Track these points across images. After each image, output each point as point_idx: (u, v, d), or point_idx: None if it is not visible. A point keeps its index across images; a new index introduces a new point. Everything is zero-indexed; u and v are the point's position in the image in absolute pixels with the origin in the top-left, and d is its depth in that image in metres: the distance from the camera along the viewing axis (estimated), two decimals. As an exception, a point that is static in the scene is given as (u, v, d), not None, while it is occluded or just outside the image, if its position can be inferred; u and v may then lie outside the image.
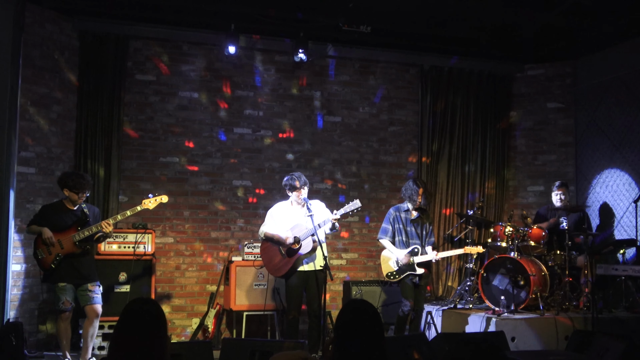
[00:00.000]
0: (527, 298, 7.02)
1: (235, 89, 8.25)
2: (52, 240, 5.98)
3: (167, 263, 7.92)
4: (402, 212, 7.01)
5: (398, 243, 6.96)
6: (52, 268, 6.03)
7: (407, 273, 6.83)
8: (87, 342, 6.19)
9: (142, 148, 7.91)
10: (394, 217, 7.00)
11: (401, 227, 6.97)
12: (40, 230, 6.03)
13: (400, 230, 6.97)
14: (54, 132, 7.39)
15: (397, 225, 6.98)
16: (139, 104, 7.92)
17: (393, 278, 6.90)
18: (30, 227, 6.17)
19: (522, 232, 7.50)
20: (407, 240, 6.94)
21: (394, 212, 7.03)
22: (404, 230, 6.97)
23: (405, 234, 6.96)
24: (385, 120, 8.82)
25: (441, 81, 8.90)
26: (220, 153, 8.17)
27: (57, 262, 6.03)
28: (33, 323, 7.09)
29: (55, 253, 6.02)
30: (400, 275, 6.86)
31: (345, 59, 8.65)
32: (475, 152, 8.99)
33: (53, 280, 6.09)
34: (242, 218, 8.18)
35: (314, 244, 6.43)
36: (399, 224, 6.98)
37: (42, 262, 6.06)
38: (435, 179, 8.83)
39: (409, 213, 7.01)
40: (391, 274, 6.90)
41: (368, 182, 8.67)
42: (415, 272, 6.82)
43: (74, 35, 7.57)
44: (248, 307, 7.41)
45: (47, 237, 5.97)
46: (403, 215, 7.00)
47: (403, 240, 6.95)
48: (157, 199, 6.35)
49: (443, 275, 8.74)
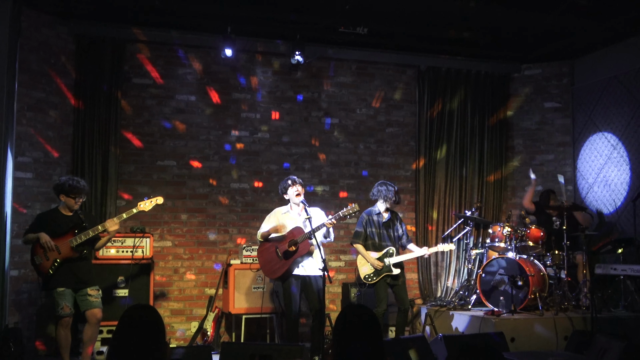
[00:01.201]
0: (526, 298, 7.02)
1: (232, 91, 8.25)
2: (50, 244, 5.95)
3: (166, 267, 7.91)
4: (374, 215, 6.99)
5: (371, 246, 6.94)
6: (50, 273, 5.99)
7: (384, 274, 6.82)
8: (87, 346, 6.17)
9: (139, 152, 7.91)
10: (367, 221, 6.98)
11: (374, 230, 6.96)
12: (36, 237, 6.00)
13: (373, 233, 6.96)
14: (51, 136, 7.38)
15: (369, 228, 6.96)
16: (136, 107, 7.92)
17: (371, 280, 6.87)
18: (26, 236, 6.13)
19: (520, 233, 7.53)
20: (379, 243, 6.92)
21: (366, 216, 7.00)
22: (377, 233, 6.96)
23: (379, 236, 6.95)
24: (382, 122, 8.83)
25: (438, 82, 8.91)
26: (217, 156, 8.17)
27: (55, 267, 5.98)
28: (32, 328, 7.06)
29: (53, 258, 5.99)
30: (378, 277, 6.84)
31: (342, 61, 8.66)
32: (473, 153, 8.98)
33: (52, 286, 6.03)
34: (240, 221, 8.18)
35: (311, 247, 6.44)
36: (372, 227, 6.97)
37: (40, 268, 6.02)
38: (433, 180, 8.84)
39: (381, 216, 7.00)
40: (368, 277, 6.88)
41: (366, 184, 8.62)
42: (391, 273, 6.81)
43: (70, 39, 7.57)
44: (247, 310, 7.39)
45: (44, 240, 5.94)
46: (375, 218, 6.99)
47: (376, 243, 6.93)
48: (152, 200, 6.34)
49: (442, 276, 8.74)
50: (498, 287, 7.20)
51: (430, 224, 8.75)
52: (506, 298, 7.03)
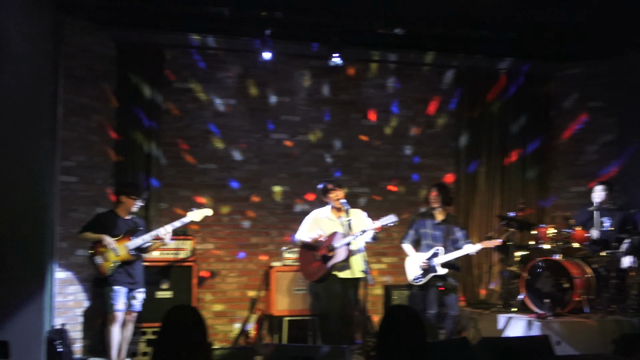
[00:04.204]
0: (571, 301, 6.88)
1: (271, 94, 8.27)
2: (113, 245, 6.30)
3: (208, 269, 7.96)
4: (426, 217, 6.99)
5: (424, 247, 6.91)
6: (108, 274, 6.33)
7: (431, 275, 6.75)
8: (123, 346, 6.47)
9: (181, 155, 7.97)
10: (418, 222, 6.99)
11: (426, 231, 6.93)
12: (99, 238, 6.34)
13: (426, 234, 6.93)
14: (95, 141, 7.47)
15: (421, 230, 6.95)
16: (177, 111, 7.99)
17: (418, 282, 6.83)
18: (84, 233, 6.46)
19: (565, 234, 7.39)
20: (431, 244, 6.88)
21: (418, 217, 7.04)
22: (430, 234, 6.92)
23: (430, 238, 6.91)
24: (422, 123, 8.75)
25: (478, 82, 8.80)
26: (257, 159, 8.20)
27: (113, 268, 6.34)
28: (78, 330, 7.18)
29: (112, 259, 6.33)
30: (425, 278, 6.78)
31: (380, 62, 8.60)
32: (515, 153, 8.85)
33: (108, 284, 6.36)
34: (280, 223, 8.19)
35: (348, 253, 6.44)
36: (425, 229, 6.95)
37: (99, 268, 6.35)
38: (474, 182, 8.74)
39: (434, 217, 6.98)
40: (416, 278, 6.84)
41: (406, 186, 8.60)
42: (437, 273, 6.73)
43: (111, 45, 7.64)
44: (289, 312, 7.39)
45: (108, 242, 6.30)
46: (428, 220, 6.97)
47: (428, 244, 6.90)
48: (202, 211, 6.68)
49: (485, 278, 8.62)
50: (543, 290, 7.06)
51: (472, 225, 8.62)
52: (551, 300, 6.90)
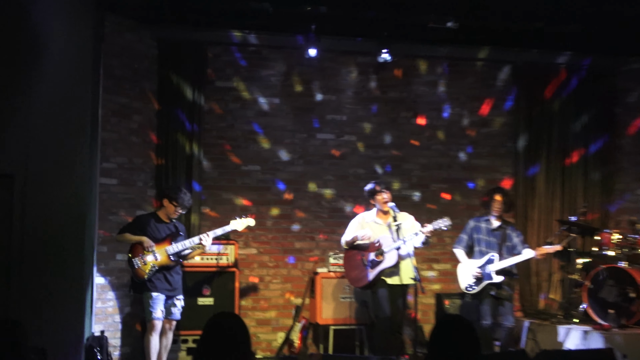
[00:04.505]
0: (638, 312, 6.57)
1: (316, 93, 8.10)
2: (153, 247, 6.18)
3: (251, 275, 7.84)
4: (482, 222, 6.80)
5: (477, 254, 6.71)
6: (145, 278, 6.18)
7: (486, 283, 6.53)
8: (162, 354, 6.34)
9: (223, 156, 7.88)
10: (473, 227, 6.81)
11: (481, 237, 6.74)
12: (138, 239, 6.22)
13: (480, 240, 6.74)
14: (135, 142, 7.42)
15: (476, 235, 6.77)
16: (220, 111, 7.89)
17: (472, 290, 6.62)
18: (123, 234, 6.35)
19: (631, 240, 7.06)
20: (485, 251, 6.68)
21: (473, 223, 6.86)
22: (485, 240, 6.72)
23: (485, 244, 6.71)
24: (476, 122, 8.43)
25: (536, 78, 8.42)
26: (302, 160, 8.04)
27: (151, 273, 6.18)
28: (117, 337, 7.10)
29: (150, 264, 6.19)
30: (479, 286, 6.56)
31: (431, 58, 8.34)
32: (577, 153, 8.44)
33: (146, 289, 6.22)
34: (326, 227, 8.00)
35: (398, 258, 6.27)
36: (479, 234, 6.76)
37: (136, 272, 6.20)
38: (532, 184, 8.36)
39: (490, 223, 6.76)
40: (469, 287, 6.64)
41: (460, 188, 8.30)
42: (493, 280, 6.50)
43: (152, 44, 7.60)
44: (335, 320, 7.24)
45: (148, 245, 6.17)
46: (483, 225, 6.77)
47: (482, 250, 6.69)
48: (245, 221, 6.58)
49: (544, 287, 8.23)
50: (607, 300, 6.77)
51: (531, 230, 8.24)
52: (616, 311, 6.61)
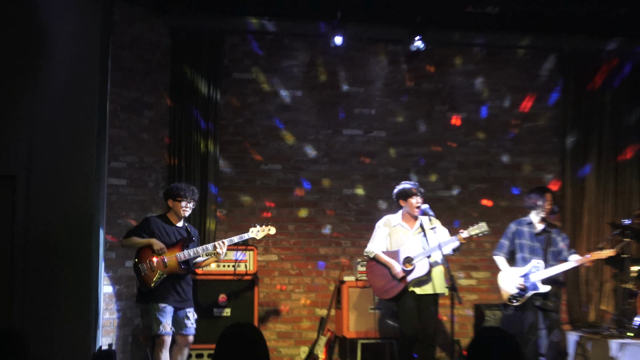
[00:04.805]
0: None
1: (343, 84, 7.76)
2: (164, 250, 5.76)
3: (271, 283, 7.53)
4: (524, 226, 6.38)
5: (520, 260, 6.29)
6: (152, 287, 5.75)
7: (530, 293, 6.10)
8: None
9: (241, 155, 7.57)
10: (514, 232, 6.42)
11: (524, 242, 6.32)
12: (147, 242, 5.80)
13: (523, 246, 6.32)
14: (146, 139, 7.12)
15: (518, 240, 6.36)
16: (237, 105, 7.59)
17: (515, 302, 6.21)
18: (130, 238, 5.90)
19: None
20: (528, 257, 6.27)
21: (514, 227, 6.47)
22: (528, 245, 6.29)
23: (530, 250, 6.28)
24: (519, 116, 7.98)
25: (586, 68, 7.93)
26: (327, 158, 7.69)
27: (159, 280, 5.75)
28: (127, 350, 6.80)
29: (158, 271, 5.78)
30: (523, 298, 6.12)
31: (469, 46, 7.92)
32: (631, 149, 7.92)
33: (152, 300, 5.79)
34: (353, 232, 7.65)
35: (430, 267, 5.93)
36: (521, 239, 6.35)
37: (143, 279, 5.77)
38: (581, 184, 7.88)
39: (533, 226, 6.32)
40: (513, 297, 6.23)
41: (500, 188, 7.86)
42: (538, 291, 6.07)
43: (165, 33, 7.30)
44: (363, 334, 6.90)
45: (159, 247, 5.75)
46: (526, 230, 6.35)
47: (525, 257, 6.27)
48: (264, 229, 6.17)
49: (595, 297, 7.73)
50: None
51: (580, 234, 7.78)
52: None
